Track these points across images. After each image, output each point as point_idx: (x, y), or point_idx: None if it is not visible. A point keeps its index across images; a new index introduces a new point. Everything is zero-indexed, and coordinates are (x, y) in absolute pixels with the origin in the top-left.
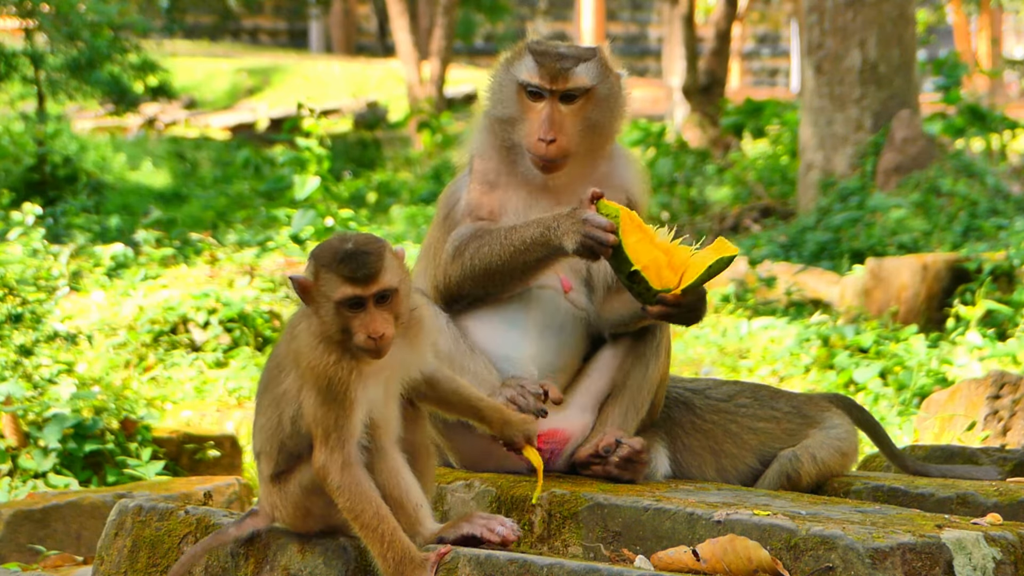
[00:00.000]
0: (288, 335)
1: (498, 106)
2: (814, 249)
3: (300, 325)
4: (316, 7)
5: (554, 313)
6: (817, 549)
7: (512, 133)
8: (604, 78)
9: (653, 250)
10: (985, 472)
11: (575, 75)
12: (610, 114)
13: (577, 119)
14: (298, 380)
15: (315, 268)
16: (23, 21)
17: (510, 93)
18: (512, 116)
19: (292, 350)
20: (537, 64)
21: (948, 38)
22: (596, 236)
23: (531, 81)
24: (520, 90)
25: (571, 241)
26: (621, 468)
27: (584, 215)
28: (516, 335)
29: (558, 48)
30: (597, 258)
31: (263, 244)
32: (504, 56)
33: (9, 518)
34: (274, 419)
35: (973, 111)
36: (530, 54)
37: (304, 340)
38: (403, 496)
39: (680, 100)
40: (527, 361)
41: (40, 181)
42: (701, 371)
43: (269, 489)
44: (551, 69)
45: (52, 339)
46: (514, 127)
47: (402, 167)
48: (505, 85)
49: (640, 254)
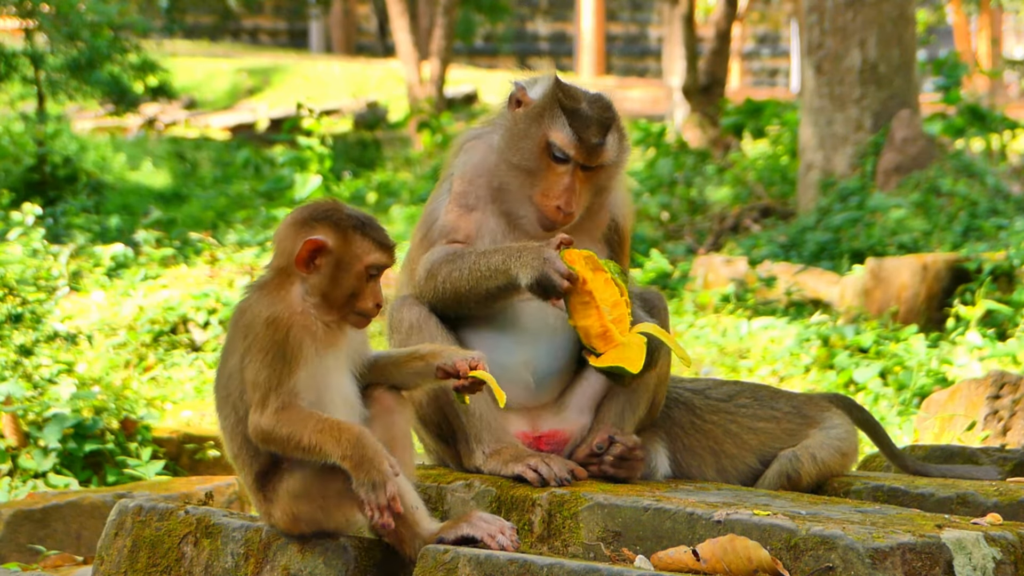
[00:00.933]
0: (236, 317)
1: (515, 154)
2: (814, 249)
3: (251, 296)
4: (316, 7)
5: (546, 319)
6: (817, 549)
7: (522, 183)
8: (622, 149)
9: (591, 316)
10: (985, 472)
11: (605, 150)
12: (617, 177)
13: (591, 185)
14: (242, 351)
15: (341, 231)
16: (23, 21)
17: (533, 147)
18: (529, 169)
19: (243, 324)
20: (574, 134)
21: (948, 38)
22: (552, 280)
23: (565, 150)
24: (546, 149)
25: (527, 276)
26: (616, 466)
27: (547, 254)
28: (509, 342)
29: (592, 114)
30: (547, 299)
31: (263, 244)
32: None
33: (9, 518)
34: (231, 414)
35: (973, 111)
36: (564, 115)
37: (265, 302)
38: (398, 499)
39: (680, 100)
40: (521, 367)
41: (40, 181)
42: (701, 371)
43: (257, 497)
44: (587, 145)
45: (52, 339)
46: (526, 179)
47: (402, 167)
48: (529, 137)
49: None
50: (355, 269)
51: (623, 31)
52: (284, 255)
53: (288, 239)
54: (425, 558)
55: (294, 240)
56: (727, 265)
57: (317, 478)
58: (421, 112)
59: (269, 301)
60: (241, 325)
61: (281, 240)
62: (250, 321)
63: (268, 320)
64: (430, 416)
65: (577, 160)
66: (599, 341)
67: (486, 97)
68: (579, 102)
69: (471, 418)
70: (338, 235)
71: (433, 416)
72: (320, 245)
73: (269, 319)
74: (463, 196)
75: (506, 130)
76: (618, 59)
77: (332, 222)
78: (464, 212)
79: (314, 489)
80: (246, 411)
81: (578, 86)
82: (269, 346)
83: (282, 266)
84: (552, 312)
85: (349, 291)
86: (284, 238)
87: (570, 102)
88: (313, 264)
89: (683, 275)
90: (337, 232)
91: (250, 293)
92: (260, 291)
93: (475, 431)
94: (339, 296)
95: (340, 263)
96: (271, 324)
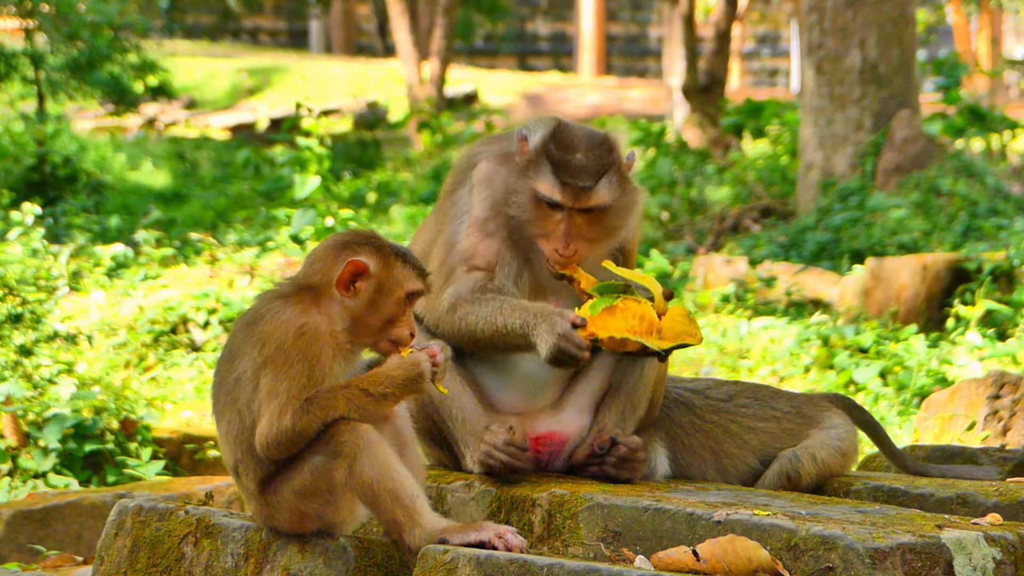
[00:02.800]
0: (249, 324)
1: (512, 207)
2: (814, 249)
3: (274, 305)
4: (316, 7)
5: None
6: (817, 549)
7: (526, 228)
8: (622, 191)
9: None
10: (985, 472)
11: (596, 194)
12: (627, 218)
13: (595, 227)
14: (258, 360)
15: (384, 256)
16: (23, 21)
17: (525, 200)
18: (527, 220)
19: (261, 332)
20: (558, 181)
21: (948, 38)
22: (570, 352)
23: (552, 198)
24: (536, 200)
25: (545, 348)
26: (618, 468)
27: (562, 329)
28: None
29: (578, 161)
30: (567, 368)
31: (263, 244)
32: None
33: (9, 518)
34: (236, 420)
35: (973, 111)
36: (548, 164)
37: (293, 313)
38: (398, 488)
39: (680, 100)
40: (516, 377)
41: (40, 181)
42: (701, 371)
43: (259, 502)
44: (573, 189)
45: (52, 339)
46: (529, 226)
47: (402, 167)
48: (520, 191)
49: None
50: (395, 295)
51: (623, 31)
52: (319, 274)
53: (327, 259)
54: (425, 558)
55: (334, 261)
56: (727, 265)
57: (321, 472)
58: (421, 112)
59: (299, 312)
60: (258, 332)
61: (318, 259)
62: (272, 330)
63: (299, 331)
64: (422, 423)
65: (568, 205)
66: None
67: (486, 97)
68: (571, 151)
69: (455, 423)
70: (380, 260)
71: (424, 423)
72: (363, 268)
73: (301, 331)
74: (484, 223)
75: (504, 181)
76: (618, 59)
77: (374, 247)
78: (484, 238)
79: (321, 483)
80: (252, 421)
81: (581, 130)
82: (296, 358)
83: (314, 284)
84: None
85: (386, 316)
86: (321, 258)
87: (559, 152)
88: (353, 287)
89: (683, 275)
90: (379, 257)
91: (269, 302)
92: (285, 302)
93: (461, 435)
94: (374, 321)
95: (381, 288)
96: (302, 336)
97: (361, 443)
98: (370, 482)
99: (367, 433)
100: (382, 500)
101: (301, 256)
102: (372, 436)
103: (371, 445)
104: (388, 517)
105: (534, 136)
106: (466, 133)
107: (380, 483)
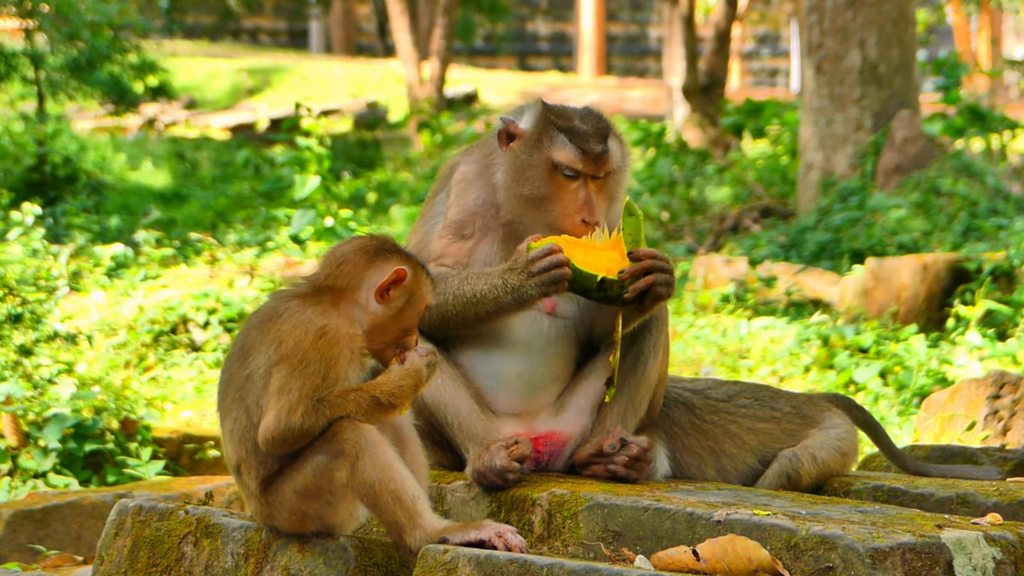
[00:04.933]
0: (264, 322)
1: (524, 185)
2: (814, 249)
3: (292, 304)
4: (316, 7)
5: (539, 331)
6: (817, 549)
7: (537, 213)
8: (624, 153)
9: (603, 254)
10: (985, 472)
11: (610, 157)
12: (623, 184)
13: (603, 195)
14: (273, 357)
15: (414, 267)
16: (23, 21)
17: (540, 173)
18: (542, 195)
19: (277, 330)
20: (578, 148)
21: (948, 38)
22: (546, 267)
23: (573, 166)
24: (553, 170)
25: (530, 288)
26: (628, 467)
27: (524, 259)
28: (500, 355)
29: (585, 129)
30: (561, 287)
31: (263, 244)
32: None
33: (9, 518)
34: (242, 417)
35: (973, 111)
36: (561, 134)
37: (314, 313)
38: (399, 488)
39: (680, 100)
40: (514, 379)
41: (40, 181)
42: (701, 371)
43: (259, 502)
44: (591, 154)
45: (52, 339)
46: (542, 208)
47: (402, 167)
48: (533, 165)
49: (594, 264)
50: (420, 305)
51: (623, 31)
52: (348, 277)
53: (358, 263)
54: (425, 558)
55: (367, 266)
56: (727, 265)
57: (323, 471)
58: (421, 112)
59: (319, 313)
60: (275, 330)
61: (347, 262)
62: (291, 329)
63: (320, 331)
64: (421, 424)
65: (586, 172)
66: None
67: (486, 97)
68: (571, 120)
69: (452, 428)
70: (412, 270)
71: (423, 425)
72: (404, 276)
73: (322, 331)
74: (459, 226)
75: (508, 165)
76: (618, 59)
77: (405, 257)
78: (456, 240)
79: (323, 483)
80: (260, 418)
81: (565, 105)
82: (315, 358)
83: (339, 287)
84: (546, 321)
85: (407, 325)
86: (352, 262)
87: (563, 121)
88: (387, 294)
89: (683, 275)
90: (411, 267)
91: (286, 301)
92: (303, 302)
93: (460, 440)
94: (395, 328)
95: (411, 297)
96: (323, 336)
97: (363, 443)
98: (372, 482)
99: (369, 433)
100: (383, 501)
101: (301, 256)
102: (374, 436)
103: (373, 445)
104: (389, 518)
105: (523, 117)
106: (466, 133)
107: (382, 484)
